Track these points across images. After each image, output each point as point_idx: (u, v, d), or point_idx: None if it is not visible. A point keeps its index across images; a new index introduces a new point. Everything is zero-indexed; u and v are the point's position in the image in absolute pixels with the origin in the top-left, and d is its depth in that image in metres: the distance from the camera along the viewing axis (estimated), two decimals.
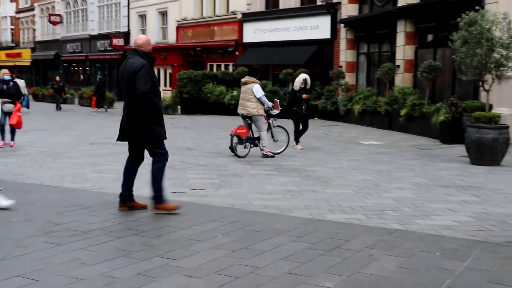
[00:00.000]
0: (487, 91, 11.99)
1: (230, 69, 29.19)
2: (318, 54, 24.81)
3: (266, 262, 4.71)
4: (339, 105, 21.77)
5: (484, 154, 11.18)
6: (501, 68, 11.61)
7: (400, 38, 19.77)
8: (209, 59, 31.22)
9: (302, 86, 13.37)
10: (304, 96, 13.40)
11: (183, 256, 4.84)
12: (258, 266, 4.61)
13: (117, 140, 6.51)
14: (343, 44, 23.40)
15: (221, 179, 9.18)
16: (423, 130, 16.71)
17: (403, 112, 17.52)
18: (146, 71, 6.16)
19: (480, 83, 12.08)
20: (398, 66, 19.70)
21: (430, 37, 19.53)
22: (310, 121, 22.23)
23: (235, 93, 24.80)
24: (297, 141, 13.46)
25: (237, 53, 28.91)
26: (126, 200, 6.57)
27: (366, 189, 8.49)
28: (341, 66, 23.25)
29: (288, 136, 12.44)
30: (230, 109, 24.69)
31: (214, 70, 30.17)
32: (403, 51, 19.68)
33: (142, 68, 6.15)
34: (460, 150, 13.16)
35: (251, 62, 25.49)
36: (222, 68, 29.93)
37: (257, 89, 11.60)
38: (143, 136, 6.32)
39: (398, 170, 10.47)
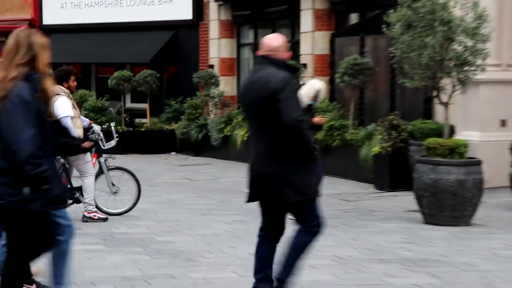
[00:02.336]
0: (446, 104, 12.55)
1: None
2: (173, 46, 24.88)
3: None
4: (211, 131, 21.92)
5: (445, 207, 11.61)
6: (466, 68, 12.21)
7: (307, 20, 20.33)
8: None
9: (312, 103, 12.31)
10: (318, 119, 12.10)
11: None
12: None
13: (248, 200, 7.10)
14: (214, 29, 23.66)
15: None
16: (347, 169, 17.14)
17: None
18: (292, 89, 6.63)
19: (434, 93, 12.63)
20: (305, 65, 20.20)
21: (354, 18, 20.24)
22: (159, 157, 22.33)
23: None
24: None
25: None
26: None
27: None
28: (211, 66, 23.46)
29: (138, 185, 12.29)
30: None
31: None
32: (312, 41, 20.22)
33: (287, 86, 6.53)
34: (406, 200, 13.60)
35: (59, 58, 25.06)
36: None
37: (60, 105, 11.39)
38: (287, 193, 6.67)
39: None
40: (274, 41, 6.84)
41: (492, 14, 13.38)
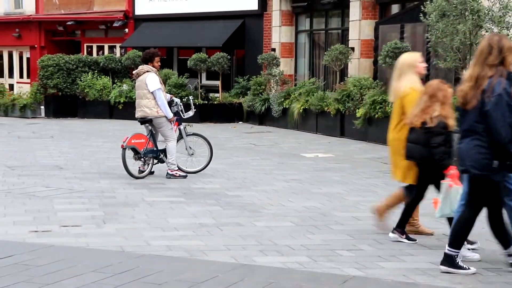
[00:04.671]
0: None
1: (117, 53, 28.86)
2: (241, 32, 24.94)
3: None
4: (272, 104, 21.99)
5: None
6: None
7: (355, 10, 20.21)
8: (87, 38, 30.72)
9: None
10: None
11: None
12: None
13: None
14: (276, 18, 23.66)
15: (105, 210, 9.08)
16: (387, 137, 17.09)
17: (359, 112, 17.85)
18: None
19: (463, 72, 12.52)
20: (352, 49, 20.11)
21: (395, 8, 20.05)
22: (229, 126, 22.58)
23: (124, 87, 24.53)
24: None
25: (126, 30, 28.62)
26: None
27: (310, 221, 8.59)
28: (274, 49, 23.48)
29: (210, 148, 12.46)
30: (118, 110, 24.39)
31: (94, 54, 29.72)
32: (359, 28, 20.11)
33: None
34: None
35: (147, 43, 25.30)
36: (106, 51, 29.58)
37: (151, 80, 11.62)
38: None
39: (353, 193, 10.67)
40: None
41: None
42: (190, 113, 12.49)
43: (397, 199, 8.01)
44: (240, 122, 23.20)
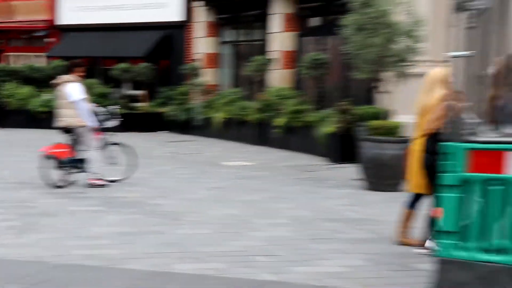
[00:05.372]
0: (384, 93, 12.75)
1: (42, 62, 28.53)
2: (165, 43, 24.96)
3: None
4: (195, 113, 22.05)
5: (384, 177, 11.84)
6: (402, 64, 12.39)
7: (276, 22, 20.47)
8: (10, 47, 30.27)
9: None
10: None
11: None
12: None
13: None
14: (200, 29, 23.76)
15: (24, 220, 8.96)
16: (307, 145, 17.33)
17: (280, 121, 18.07)
18: None
19: (377, 83, 12.82)
20: (274, 60, 20.34)
21: (315, 21, 20.38)
22: (152, 135, 22.51)
23: (47, 96, 24.24)
24: None
25: (49, 39, 28.28)
26: None
27: (229, 228, 8.69)
28: (195, 60, 23.57)
29: (133, 157, 12.41)
30: (40, 120, 24.08)
31: (17, 63, 29.31)
32: (280, 40, 20.37)
33: None
34: (353, 171, 13.81)
35: (72, 53, 25.06)
36: (30, 61, 29.21)
37: (73, 90, 11.57)
38: None
39: (272, 201, 10.80)
40: None
41: (430, 19, 13.56)
42: (114, 123, 12.43)
43: (407, 216, 7.91)
44: (164, 132, 23.19)
